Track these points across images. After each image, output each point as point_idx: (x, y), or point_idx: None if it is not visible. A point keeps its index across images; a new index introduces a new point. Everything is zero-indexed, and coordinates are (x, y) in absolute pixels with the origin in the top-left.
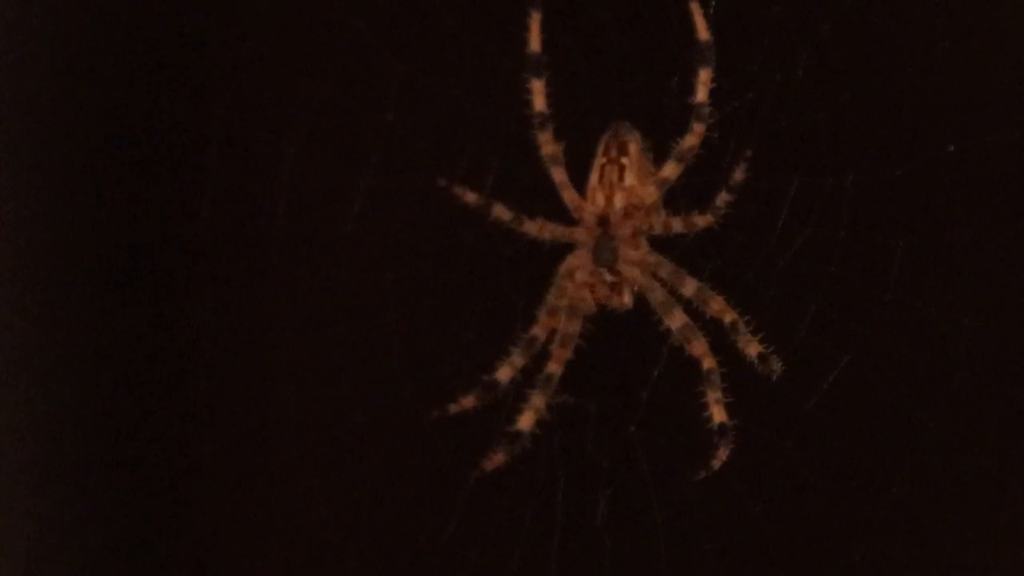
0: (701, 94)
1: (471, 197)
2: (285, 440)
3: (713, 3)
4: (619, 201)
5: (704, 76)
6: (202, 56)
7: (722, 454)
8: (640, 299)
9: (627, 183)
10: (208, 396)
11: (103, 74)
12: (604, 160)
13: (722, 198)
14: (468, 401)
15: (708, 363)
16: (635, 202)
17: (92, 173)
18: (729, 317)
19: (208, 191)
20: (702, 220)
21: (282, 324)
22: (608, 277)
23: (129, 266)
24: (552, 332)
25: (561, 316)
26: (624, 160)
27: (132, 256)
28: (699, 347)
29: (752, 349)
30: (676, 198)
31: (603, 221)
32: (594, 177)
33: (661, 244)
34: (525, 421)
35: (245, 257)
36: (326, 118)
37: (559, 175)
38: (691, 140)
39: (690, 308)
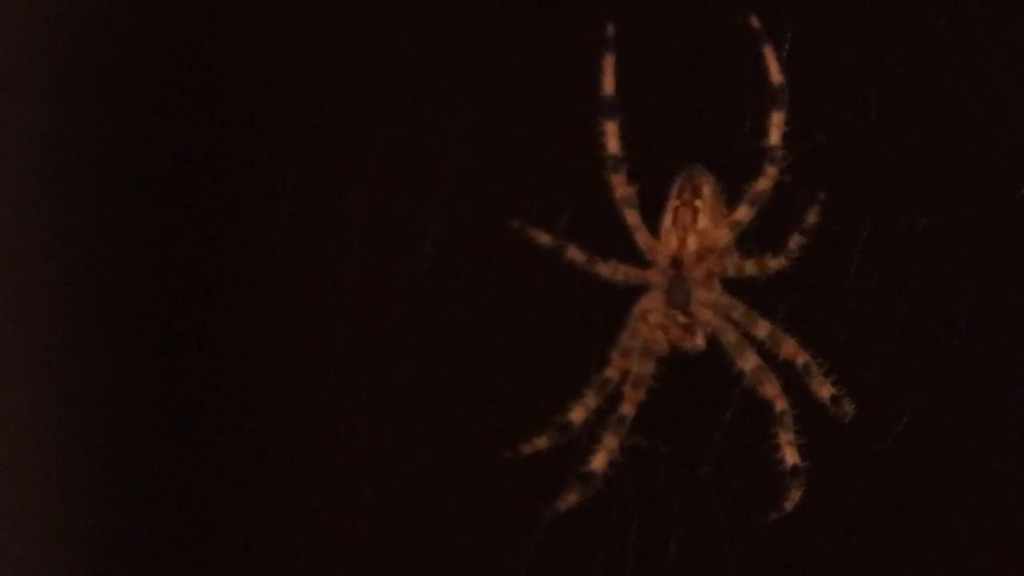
0: (774, 137)
1: (545, 238)
2: (355, 481)
3: (786, 46)
4: (692, 243)
5: (777, 119)
6: (273, 97)
7: (794, 496)
8: (713, 341)
9: (700, 225)
10: (275, 439)
11: (170, 119)
12: (678, 203)
13: (795, 241)
14: (541, 441)
15: (781, 405)
16: (708, 244)
17: (161, 215)
18: (802, 359)
19: (279, 232)
20: (775, 262)
21: (353, 364)
22: (681, 319)
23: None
24: (625, 373)
25: (634, 358)
26: (698, 203)
27: (202, 297)
28: (772, 389)
29: (825, 391)
30: (749, 240)
31: (676, 263)
32: (667, 219)
33: (734, 286)
34: (598, 462)
35: (315, 297)
36: (397, 159)
37: (633, 217)
38: (764, 183)
39: (763, 350)
